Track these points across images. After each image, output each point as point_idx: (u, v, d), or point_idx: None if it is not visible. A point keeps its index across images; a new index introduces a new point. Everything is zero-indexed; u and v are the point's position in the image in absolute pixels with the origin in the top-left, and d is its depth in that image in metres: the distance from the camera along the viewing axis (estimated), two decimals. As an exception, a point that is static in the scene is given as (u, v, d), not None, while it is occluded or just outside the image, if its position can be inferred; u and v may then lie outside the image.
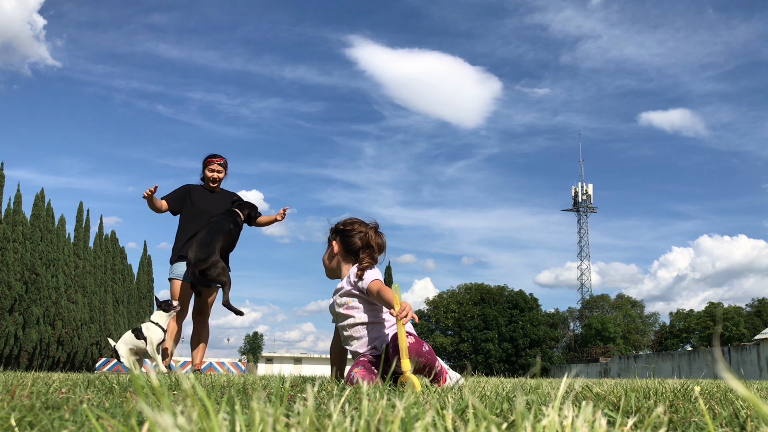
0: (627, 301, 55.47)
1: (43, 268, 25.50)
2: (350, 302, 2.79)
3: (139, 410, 1.08)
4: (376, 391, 1.35)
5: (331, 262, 2.98)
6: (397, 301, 2.41)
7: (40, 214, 26.36)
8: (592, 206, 62.68)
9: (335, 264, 2.97)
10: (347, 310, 2.79)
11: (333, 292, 2.93)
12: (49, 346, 25.40)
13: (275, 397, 1.05)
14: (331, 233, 3.03)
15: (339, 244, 2.96)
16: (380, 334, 2.73)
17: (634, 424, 1.01)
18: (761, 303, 51.63)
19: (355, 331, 2.77)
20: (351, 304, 2.79)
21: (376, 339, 2.72)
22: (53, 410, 1.16)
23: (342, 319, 2.82)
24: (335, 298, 2.87)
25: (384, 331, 2.74)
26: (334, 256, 2.96)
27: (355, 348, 2.76)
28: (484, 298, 48.55)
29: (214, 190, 5.64)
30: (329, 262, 3.00)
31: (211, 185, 5.60)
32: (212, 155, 5.64)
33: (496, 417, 1.01)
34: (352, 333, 2.78)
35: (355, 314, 2.77)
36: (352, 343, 2.78)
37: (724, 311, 49.12)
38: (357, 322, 2.77)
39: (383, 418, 0.79)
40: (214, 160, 5.58)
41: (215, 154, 5.66)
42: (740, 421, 1.06)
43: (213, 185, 5.60)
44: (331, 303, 2.92)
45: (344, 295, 2.82)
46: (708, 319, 50.18)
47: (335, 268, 2.97)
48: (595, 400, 1.39)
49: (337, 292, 2.87)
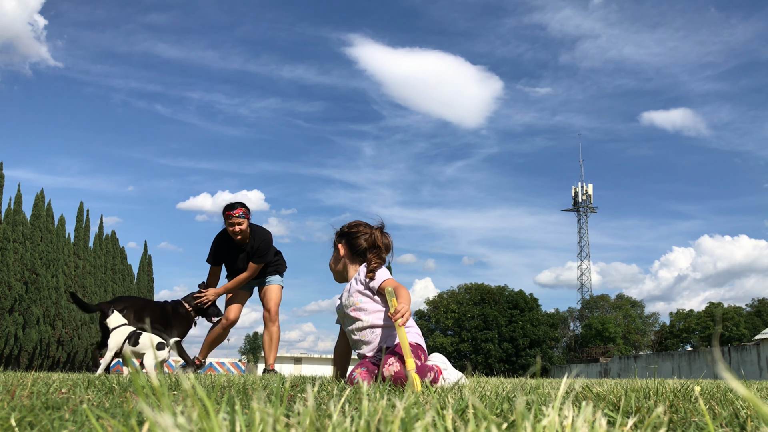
0: (627, 301, 55.48)
1: (43, 268, 25.50)
2: (358, 303, 2.76)
3: (139, 410, 1.08)
4: (377, 391, 1.35)
5: (337, 265, 2.97)
6: (393, 304, 2.42)
7: (40, 214, 26.36)
8: (592, 206, 62.67)
9: (341, 267, 2.95)
10: (355, 312, 2.76)
11: (341, 295, 2.91)
12: (49, 346, 25.40)
13: (275, 397, 1.05)
14: (336, 237, 3.01)
15: (345, 247, 2.94)
16: (390, 335, 2.71)
17: (634, 424, 1.01)
18: (761, 303, 51.62)
19: (364, 335, 2.74)
20: (359, 305, 2.76)
21: (384, 343, 2.70)
22: (53, 410, 1.16)
23: (350, 322, 2.79)
24: (344, 299, 2.84)
25: (394, 334, 2.71)
26: (341, 260, 2.95)
27: (364, 352, 2.74)
28: (484, 298, 48.56)
29: (240, 243, 5.38)
30: (335, 265, 2.98)
31: (238, 239, 5.32)
32: (229, 207, 5.24)
33: (496, 417, 1.01)
34: (361, 337, 2.75)
35: (363, 317, 2.74)
36: (362, 348, 2.76)
37: (724, 311, 49.13)
38: (365, 325, 2.74)
39: (383, 418, 0.79)
40: (231, 213, 5.20)
41: (232, 204, 5.26)
42: (740, 422, 1.06)
43: (238, 238, 5.31)
44: (339, 305, 2.89)
45: (354, 295, 2.79)
46: (708, 319, 50.17)
47: (342, 270, 2.96)
48: (595, 401, 1.39)
49: (346, 293, 2.85)
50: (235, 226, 5.19)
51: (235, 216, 5.18)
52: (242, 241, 5.33)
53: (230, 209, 5.19)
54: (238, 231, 5.20)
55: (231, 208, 5.19)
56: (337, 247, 2.98)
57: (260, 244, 5.34)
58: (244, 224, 5.21)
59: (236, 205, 5.21)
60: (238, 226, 5.19)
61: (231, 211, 5.19)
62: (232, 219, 5.18)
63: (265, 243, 5.37)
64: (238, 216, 5.19)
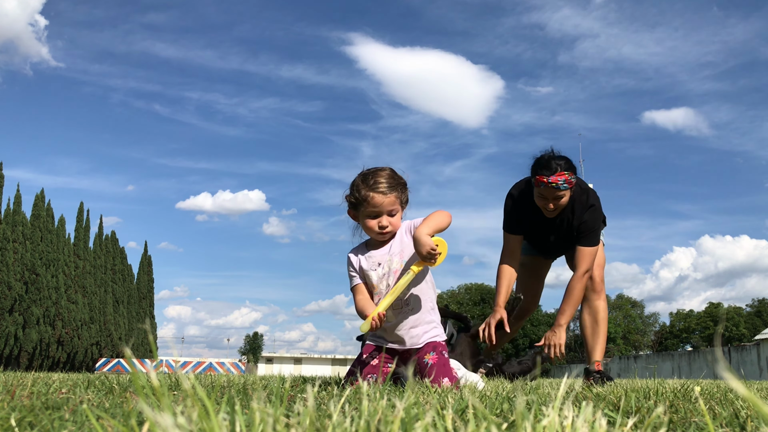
0: (627, 301, 55.54)
1: (43, 268, 25.50)
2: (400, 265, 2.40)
3: (139, 410, 1.08)
4: (377, 391, 1.35)
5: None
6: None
7: (40, 214, 26.37)
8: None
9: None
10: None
11: (369, 260, 2.47)
12: (49, 347, 25.40)
13: (275, 398, 1.06)
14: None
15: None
16: (420, 323, 2.40)
17: (635, 424, 1.01)
18: (761, 303, 51.67)
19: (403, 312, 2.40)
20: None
21: (412, 328, 2.41)
22: (53, 410, 1.16)
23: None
24: (389, 261, 2.43)
25: (426, 325, 2.41)
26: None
27: (396, 330, 2.40)
28: (484, 298, 48.62)
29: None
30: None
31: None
32: (541, 166, 3.24)
33: (497, 417, 1.01)
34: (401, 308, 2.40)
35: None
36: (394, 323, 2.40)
37: (724, 311, 49.16)
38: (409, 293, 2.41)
39: (383, 418, 0.79)
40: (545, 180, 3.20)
41: (547, 162, 3.22)
42: (740, 422, 1.06)
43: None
44: (382, 271, 2.44)
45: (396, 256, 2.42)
46: (708, 319, 50.22)
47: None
48: (595, 401, 1.39)
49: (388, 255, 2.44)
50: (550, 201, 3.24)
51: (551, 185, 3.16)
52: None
53: (543, 172, 3.18)
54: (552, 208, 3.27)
55: (545, 169, 3.17)
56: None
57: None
58: (565, 196, 3.23)
59: (554, 166, 3.16)
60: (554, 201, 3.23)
61: (544, 176, 3.17)
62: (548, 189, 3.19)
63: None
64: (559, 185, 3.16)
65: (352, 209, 2.46)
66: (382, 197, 2.37)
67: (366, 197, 2.36)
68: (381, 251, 2.45)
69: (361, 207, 2.40)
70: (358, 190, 2.40)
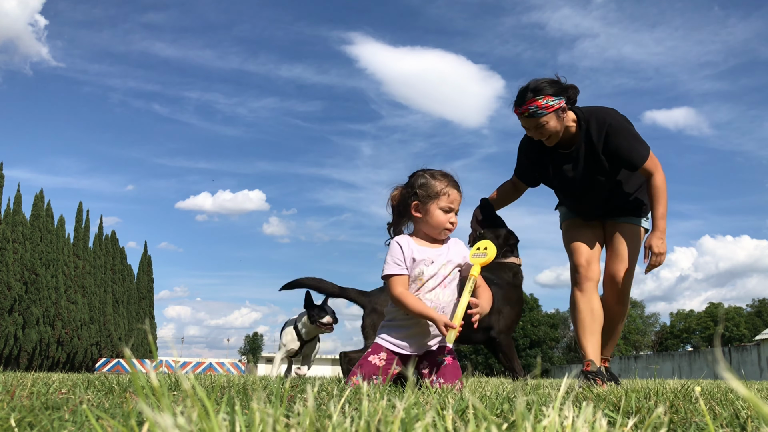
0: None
1: (43, 268, 25.51)
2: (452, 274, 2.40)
3: (139, 411, 1.08)
4: (377, 391, 1.35)
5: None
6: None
7: (39, 214, 26.38)
8: (592, 206, 62.66)
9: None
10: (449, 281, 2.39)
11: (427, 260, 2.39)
12: (48, 347, 25.40)
13: (275, 398, 1.05)
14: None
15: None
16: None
17: (635, 424, 1.01)
18: (762, 303, 51.68)
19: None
20: (453, 274, 2.40)
21: (436, 336, 2.38)
22: (53, 411, 1.16)
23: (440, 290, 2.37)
24: (444, 264, 2.38)
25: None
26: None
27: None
28: (484, 298, 48.58)
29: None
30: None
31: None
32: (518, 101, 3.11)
33: (497, 417, 1.01)
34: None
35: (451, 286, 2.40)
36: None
37: (724, 311, 49.16)
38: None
39: (383, 418, 0.79)
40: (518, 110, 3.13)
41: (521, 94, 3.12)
42: (741, 422, 1.06)
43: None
44: (434, 269, 2.38)
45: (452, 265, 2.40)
46: (708, 319, 50.21)
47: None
48: (595, 401, 1.39)
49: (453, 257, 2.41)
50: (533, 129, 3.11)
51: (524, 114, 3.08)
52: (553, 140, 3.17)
53: (515, 103, 3.11)
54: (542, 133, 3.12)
55: (517, 100, 3.09)
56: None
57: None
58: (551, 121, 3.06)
59: (525, 95, 3.05)
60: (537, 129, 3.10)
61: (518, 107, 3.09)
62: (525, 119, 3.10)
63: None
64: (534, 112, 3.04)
65: (420, 202, 2.39)
66: (458, 194, 2.40)
67: (447, 191, 2.37)
68: (434, 250, 2.39)
69: (434, 200, 2.37)
70: (436, 182, 2.38)
